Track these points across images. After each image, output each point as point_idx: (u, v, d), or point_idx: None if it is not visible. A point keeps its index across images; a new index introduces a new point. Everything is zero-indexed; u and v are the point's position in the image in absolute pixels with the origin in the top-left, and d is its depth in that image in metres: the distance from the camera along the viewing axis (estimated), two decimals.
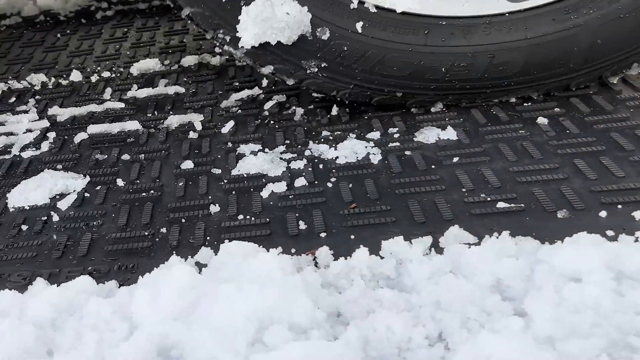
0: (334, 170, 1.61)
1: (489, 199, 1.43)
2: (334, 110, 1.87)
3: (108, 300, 1.23)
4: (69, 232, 1.54)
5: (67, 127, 2.01)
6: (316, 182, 1.58)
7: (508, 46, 1.67)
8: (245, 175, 1.64)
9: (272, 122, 1.88)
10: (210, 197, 1.58)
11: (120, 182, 1.69)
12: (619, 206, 1.36)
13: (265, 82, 2.07)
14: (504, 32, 1.66)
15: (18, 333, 1.17)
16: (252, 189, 1.59)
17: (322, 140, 1.74)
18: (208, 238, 1.45)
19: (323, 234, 1.41)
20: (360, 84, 1.74)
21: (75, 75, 2.36)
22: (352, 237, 1.39)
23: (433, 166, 1.57)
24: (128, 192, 1.65)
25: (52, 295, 1.26)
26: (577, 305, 1.08)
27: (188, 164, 1.72)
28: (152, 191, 1.64)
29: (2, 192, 1.73)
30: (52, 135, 1.97)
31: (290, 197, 1.54)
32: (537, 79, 1.72)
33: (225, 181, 1.63)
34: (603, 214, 1.35)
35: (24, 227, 1.57)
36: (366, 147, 1.68)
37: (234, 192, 1.59)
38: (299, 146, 1.73)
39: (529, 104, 1.77)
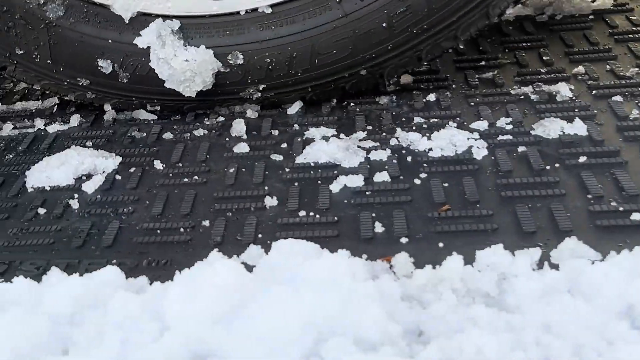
0: (425, 165, 1.66)
1: (621, 208, 1.45)
2: (432, 95, 1.93)
3: (137, 297, 1.32)
4: (93, 219, 1.64)
5: None
6: (401, 178, 1.63)
7: None
8: (312, 165, 1.71)
9: (352, 103, 1.95)
10: (266, 188, 1.66)
11: (158, 165, 1.79)
12: None
13: None
14: None
15: (30, 326, 1.26)
16: (319, 181, 1.66)
17: (414, 127, 1.80)
18: (259, 236, 1.52)
19: (404, 239, 1.46)
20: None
21: None
22: (441, 245, 1.43)
23: (552, 166, 1.60)
24: (167, 177, 1.75)
25: (73, 286, 1.36)
26: None
27: (242, 147, 1.81)
28: (195, 177, 1.73)
29: (21, 169, 1.87)
30: (84, 108, 2.11)
31: (367, 193, 1.60)
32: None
33: (287, 170, 1.71)
34: None
35: (42, 211, 1.69)
36: (469, 138, 1.72)
37: (296, 184, 1.66)
38: (384, 133, 1.80)
39: None
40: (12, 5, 1.96)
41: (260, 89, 1.91)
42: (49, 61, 2.00)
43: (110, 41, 1.93)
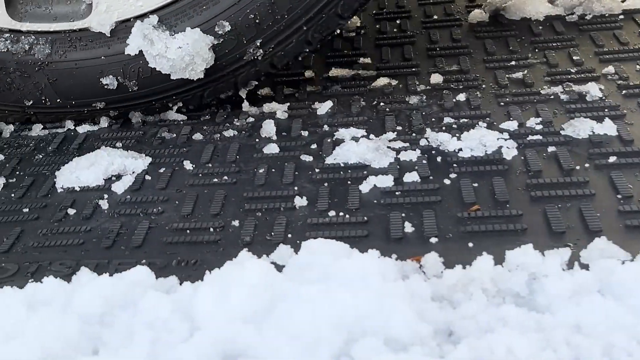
0: (454, 165, 1.67)
1: None
2: (462, 94, 1.94)
3: (167, 297, 1.33)
4: (122, 219, 1.66)
5: None
6: (431, 178, 1.64)
7: None
8: (342, 165, 1.73)
9: (381, 103, 1.96)
10: (296, 188, 1.68)
11: (188, 165, 1.81)
12: None
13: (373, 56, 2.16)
14: None
15: (60, 325, 1.28)
16: (349, 182, 1.67)
17: (444, 128, 1.81)
18: (289, 235, 1.54)
19: (434, 239, 1.47)
20: None
21: None
22: (471, 245, 1.44)
23: (582, 166, 1.61)
24: (197, 177, 1.77)
25: (103, 286, 1.37)
26: None
27: (272, 148, 1.82)
28: (225, 177, 1.76)
29: (51, 170, 1.90)
30: None
31: (396, 193, 1.61)
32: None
33: (317, 170, 1.73)
34: None
35: (72, 211, 1.71)
36: (498, 138, 1.73)
37: (326, 184, 1.67)
38: (413, 134, 1.81)
39: None
40: (3, 62, 2.01)
41: (259, 45, 1.91)
42: (58, 100, 2.04)
43: (103, 58, 1.96)
